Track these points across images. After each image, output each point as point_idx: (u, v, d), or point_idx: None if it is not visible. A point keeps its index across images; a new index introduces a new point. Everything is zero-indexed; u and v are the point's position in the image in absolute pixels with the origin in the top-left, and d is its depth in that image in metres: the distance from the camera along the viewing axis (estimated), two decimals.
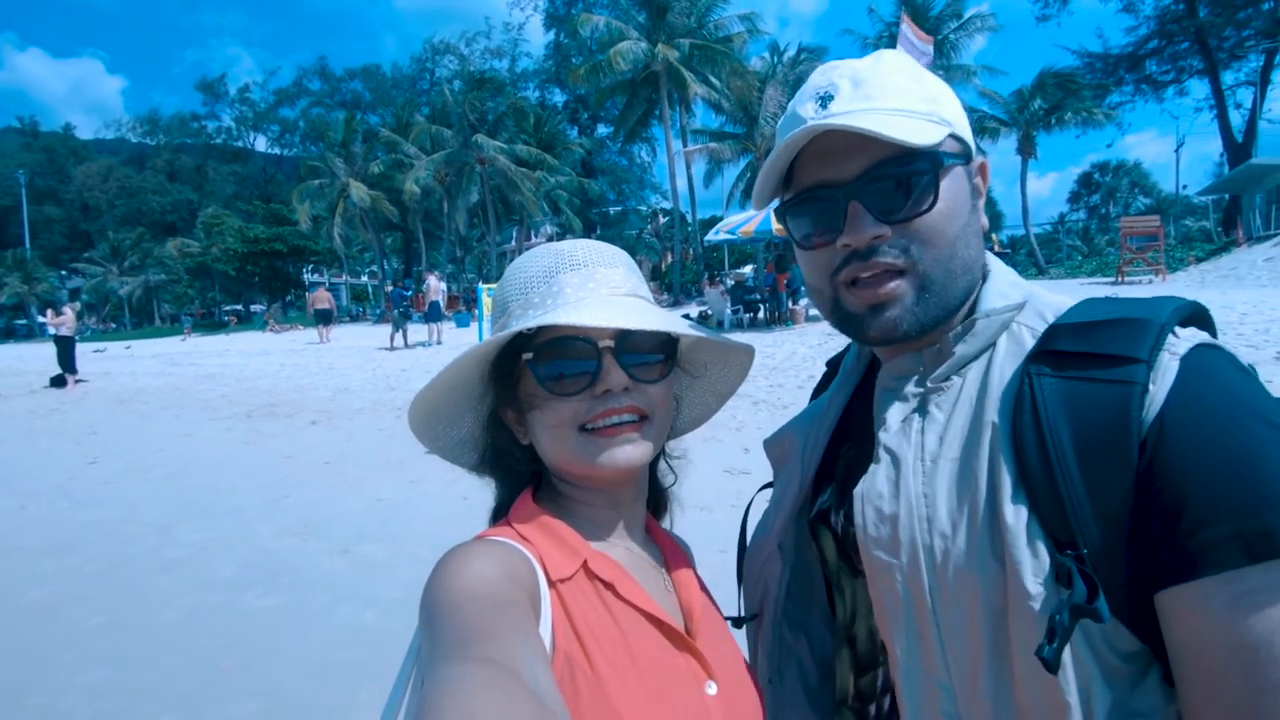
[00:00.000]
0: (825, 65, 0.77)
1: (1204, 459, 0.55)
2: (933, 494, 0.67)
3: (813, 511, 0.86)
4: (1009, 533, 0.60)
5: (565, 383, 0.74)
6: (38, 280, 50.94)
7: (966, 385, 0.71)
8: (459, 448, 0.88)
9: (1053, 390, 0.63)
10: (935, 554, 0.65)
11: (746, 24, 27.01)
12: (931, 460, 0.69)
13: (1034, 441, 0.61)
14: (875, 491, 0.71)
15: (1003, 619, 0.61)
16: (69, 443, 8.64)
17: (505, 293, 0.81)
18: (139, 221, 57.23)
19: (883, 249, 0.70)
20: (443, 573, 0.64)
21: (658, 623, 0.73)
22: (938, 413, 0.71)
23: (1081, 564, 0.57)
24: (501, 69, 46.29)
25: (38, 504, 5.96)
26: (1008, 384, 0.67)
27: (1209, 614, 0.53)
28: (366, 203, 32.33)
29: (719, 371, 0.93)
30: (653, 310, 0.79)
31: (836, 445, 0.87)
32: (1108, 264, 21.83)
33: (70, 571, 4.36)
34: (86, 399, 12.36)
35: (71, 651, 3.34)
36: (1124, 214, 42.79)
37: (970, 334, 0.72)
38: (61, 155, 69.76)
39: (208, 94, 63.34)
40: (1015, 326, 0.72)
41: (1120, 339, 0.62)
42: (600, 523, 0.81)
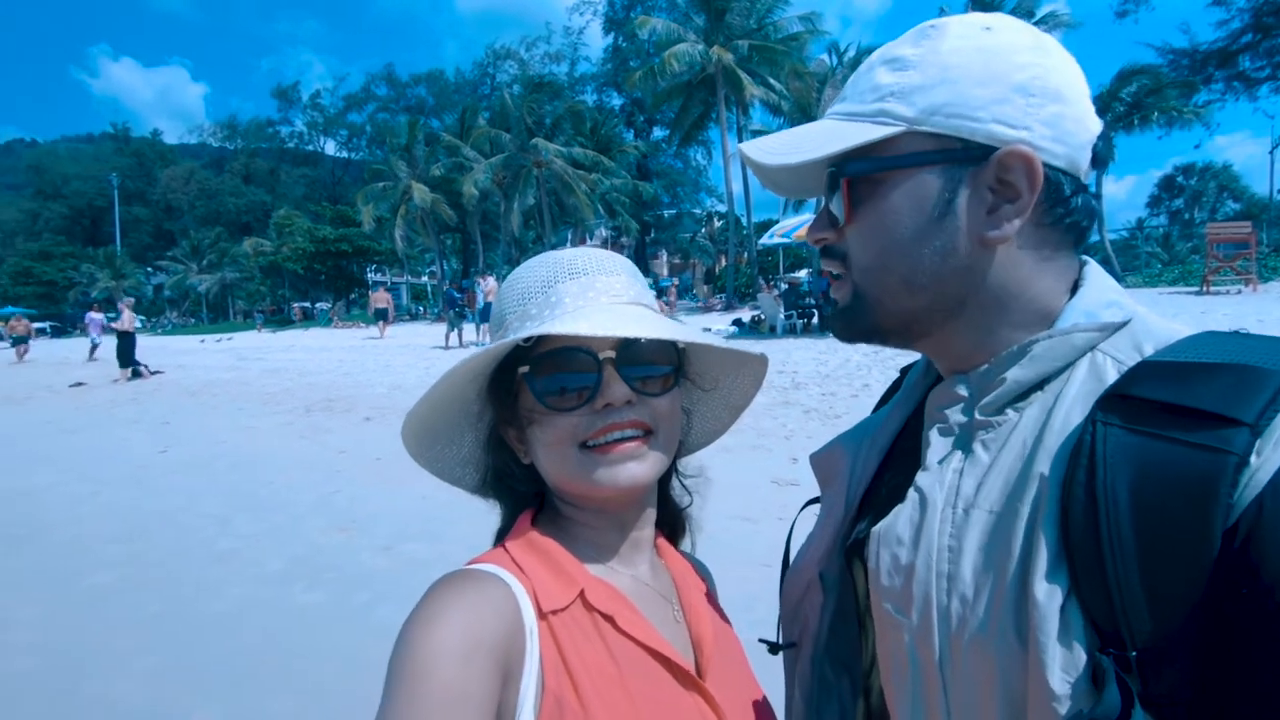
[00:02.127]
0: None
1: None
2: (959, 548, 0.57)
3: (850, 539, 0.76)
4: (1038, 613, 0.50)
5: (564, 397, 0.70)
6: (125, 277, 54.35)
7: (1023, 423, 0.58)
8: (460, 468, 0.84)
9: (1118, 446, 0.49)
10: (951, 619, 0.55)
11: (806, 24, 26.59)
12: (964, 509, 0.58)
13: (1084, 506, 0.49)
14: (894, 535, 0.62)
15: (1020, 710, 0.51)
16: (143, 432, 9.10)
17: (503, 305, 0.76)
18: (217, 221, 60.40)
19: (826, 252, 0.69)
20: (408, 636, 0.60)
21: (662, 659, 0.68)
22: (982, 453, 0.60)
23: (1125, 668, 0.46)
24: (560, 73, 46.89)
25: (111, 491, 6.28)
26: (1073, 429, 0.54)
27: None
28: (427, 205, 33.24)
29: (731, 383, 0.86)
30: (657, 318, 0.73)
31: (886, 468, 0.77)
32: (1191, 273, 20.53)
33: (134, 558, 4.55)
34: (161, 390, 13.03)
35: (128, 638, 3.47)
36: (1210, 219, 40.26)
37: (1027, 358, 0.59)
38: (149, 159, 74.28)
39: (282, 100, 66.42)
40: (1099, 356, 0.58)
41: (1221, 392, 0.48)
42: (604, 546, 0.76)
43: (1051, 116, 0.59)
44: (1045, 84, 0.59)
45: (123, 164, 70.56)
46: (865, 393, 8.02)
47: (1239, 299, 14.36)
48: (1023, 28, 0.62)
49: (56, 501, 6.00)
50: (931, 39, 0.62)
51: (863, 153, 0.62)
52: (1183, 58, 29.97)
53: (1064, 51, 0.62)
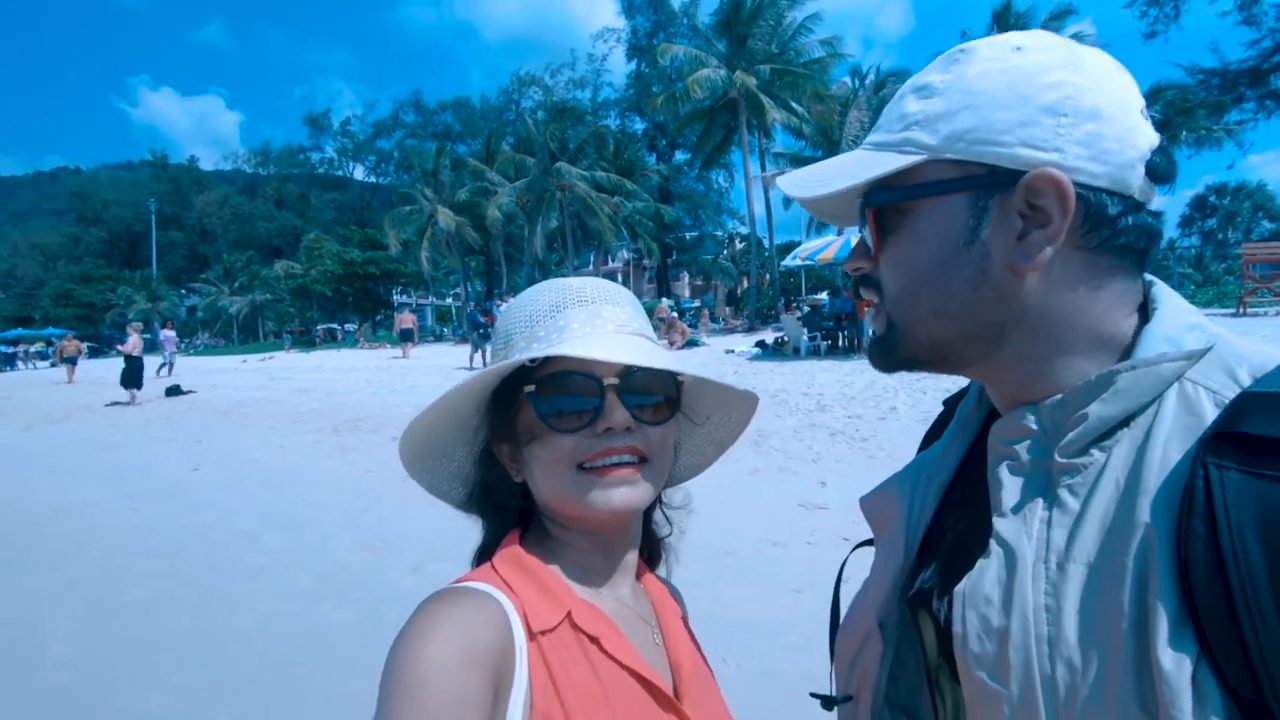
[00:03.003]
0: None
1: None
2: (1058, 608, 0.51)
3: (913, 589, 0.71)
4: (1167, 685, 0.44)
5: (566, 418, 0.72)
6: (160, 299, 55.86)
7: (1112, 464, 0.53)
8: (448, 482, 0.86)
9: (1240, 493, 0.44)
10: (1059, 688, 0.49)
11: (828, 48, 26.81)
12: (1059, 564, 0.52)
13: (1210, 564, 0.44)
14: (981, 595, 0.55)
15: None
16: (178, 450, 9.29)
17: (509, 325, 0.79)
18: (249, 245, 62.06)
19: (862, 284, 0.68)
20: (400, 650, 0.61)
21: (644, 681, 0.70)
22: (1069, 498, 0.54)
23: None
24: (584, 99, 47.62)
25: (147, 506, 6.40)
26: (1173, 470, 0.49)
27: None
28: (452, 228, 33.84)
29: (720, 419, 0.90)
30: (659, 350, 0.76)
31: (946, 509, 0.72)
32: (1226, 294, 20.08)
33: (168, 573, 4.62)
34: (194, 409, 13.30)
35: (162, 653, 3.52)
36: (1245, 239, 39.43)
37: (1111, 391, 0.54)
38: (185, 185, 76.77)
39: (313, 127, 68.31)
40: (1189, 386, 0.53)
41: None
42: (589, 569, 0.77)
43: (1086, 135, 0.55)
44: (1078, 103, 0.56)
45: (160, 190, 73.03)
46: (892, 415, 7.92)
47: (1278, 321, 13.99)
48: (1057, 44, 0.59)
49: (94, 517, 6.13)
50: (959, 64, 0.61)
51: (889, 182, 0.62)
52: (1213, 77, 29.58)
53: (1105, 65, 0.58)
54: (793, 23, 26.64)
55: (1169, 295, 0.62)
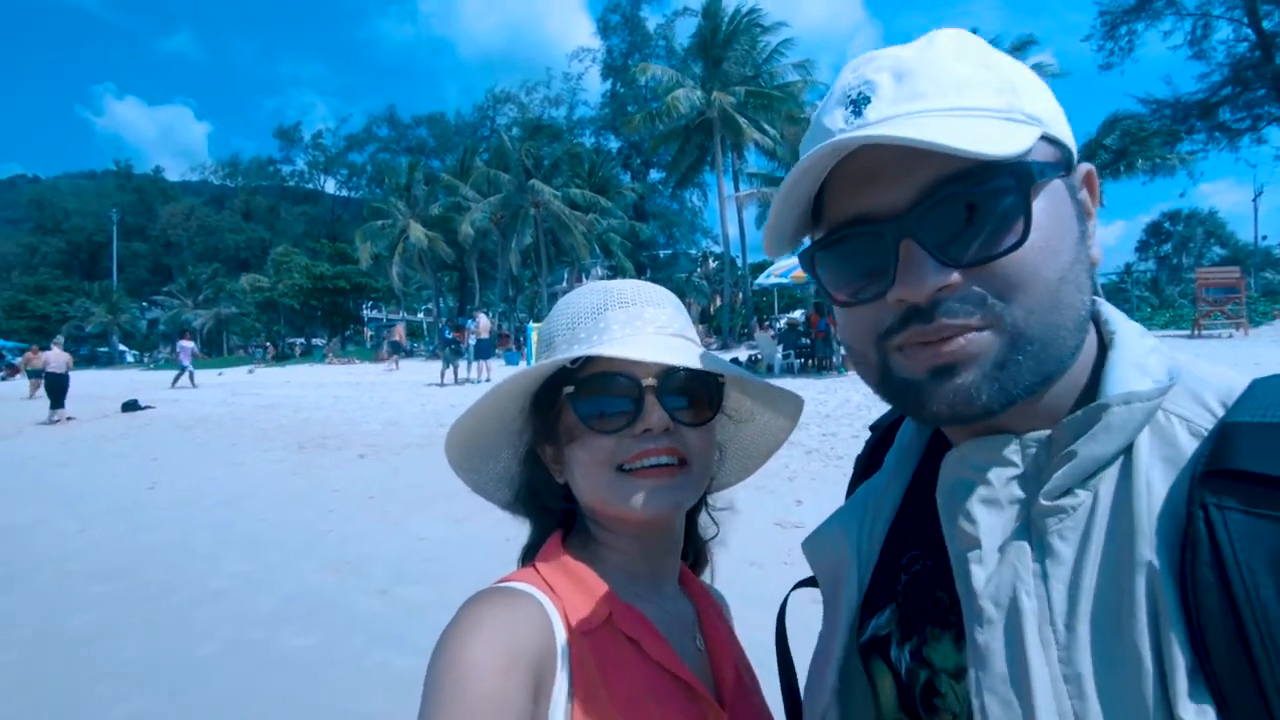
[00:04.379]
0: (860, 58, 0.56)
1: None
2: (1078, 678, 0.45)
3: (865, 635, 0.63)
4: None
5: (605, 420, 0.72)
6: (121, 311, 54.29)
7: (1100, 505, 0.49)
8: (494, 484, 0.86)
9: (1249, 536, 0.41)
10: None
11: (802, 72, 27.37)
12: (1065, 625, 0.47)
13: (1225, 615, 0.41)
14: (994, 675, 0.48)
15: None
16: (132, 467, 8.93)
17: (552, 328, 0.79)
18: (215, 257, 60.77)
19: (951, 303, 0.49)
20: (444, 650, 0.62)
21: (685, 687, 0.69)
22: (1062, 547, 0.49)
23: None
24: (559, 117, 47.89)
25: (97, 527, 6.12)
26: (1165, 510, 0.46)
27: None
28: (424, 243, 33.55)
29: (764, 421, 0.88)
30: (699, 351, 0.75)
31: (894, 546, 0.65)
32: (1182, 316, 20.76)
33: (118, 597, 4.39)
34: (151, 425, 12.85)
35: (109, 682, 3.32)
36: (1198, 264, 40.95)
37: (1100, 427, 0.49)
38: (151, 195, 75.07)
39: (284, 140, 67.51)
40: (1164, 418, 0.50)
41: None
42: (631, 572, 0.77)
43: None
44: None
45: (124, 200, 71.27)
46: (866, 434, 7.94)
47: (1231, 343, 14.48)
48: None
49: (40, 539, 5.83)
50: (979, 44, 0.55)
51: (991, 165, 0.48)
52: (1165, 108, 30.86)
53: None
54: (767, 47, 27.18)
55: (1117, 314, 0.57)
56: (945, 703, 0.55)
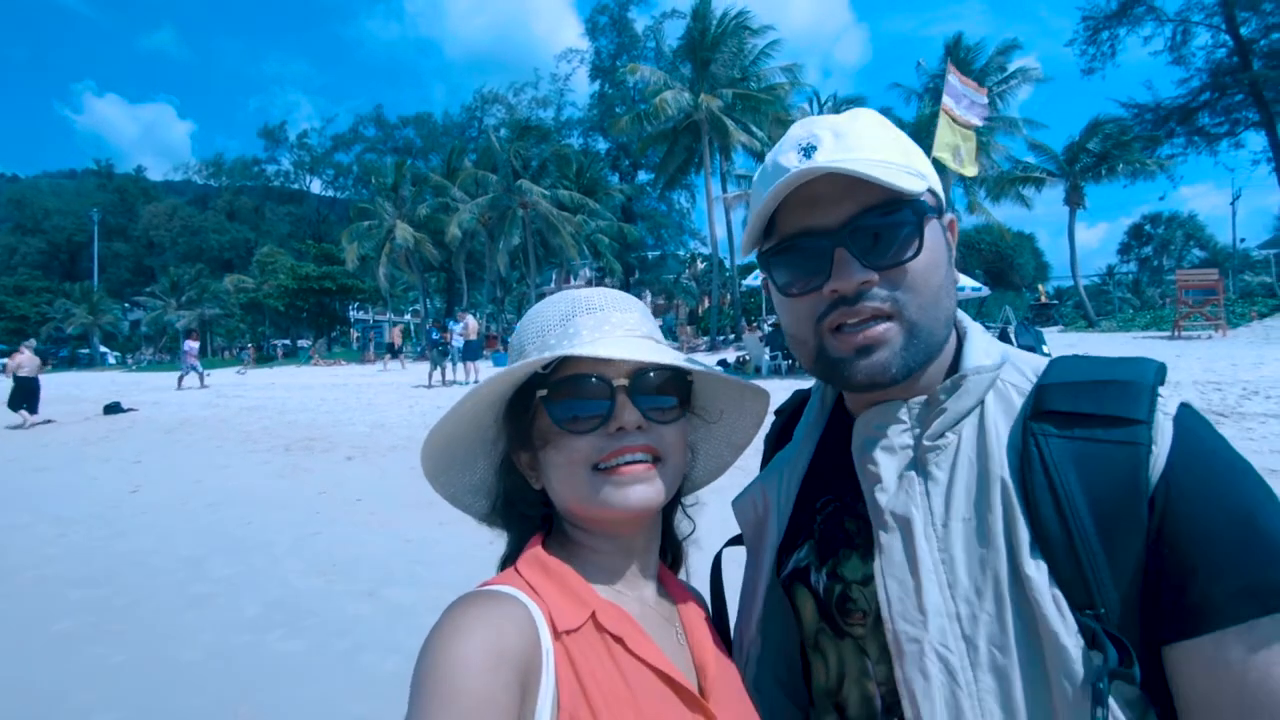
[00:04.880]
0: (804, 120, 0.77)
1: (1212, 519, 0.59)
2: (950, 559, 0.66)
3: (786, 569, 0.83)
4: (1036, 592, 0.61)
5: (580, 421, 0.74)
6: (103, 312, 53.52)
7: (964, 443, 0.71)
8: (470, 494, 0.87)
9: (1061, 450, 0.64)
10: (962, 622, 0.64)
11: (789, 75, 27.44)
12: (942, 524, 0.68)
13: (1049, 503, 0.63)
14: (894, 563, 0.69)
15: (1041, 685, 0.60)
16: (114, 471, 8.81)
17: (522, 338, 0.82)
18: (199, 258, 59.99)
19: (870, 294, 0.70)
20: (430, 651, 0.62)
21: (669, 680, 0.70)
22: (938, 472, 0.70)
23: (1102, 624, 0.59)
24: (547, 118, 47.72)
25: (77, 532, 6.03)
26: (1009, 442, 0.68)
27: (1225, 664, 0.56)
28: (411, 244, 33.34)
29: (733, 419, 0.92)
30: (668, 351, 0.78)
31: (807, 497, 0.84)
32: (1163, 318, 21.05)
33: (99, 603, 4.33)
34: (134, 428, 12.68)
35: (90, 690, 3.27)
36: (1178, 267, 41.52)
37: (962, 390, 0.72)
38: (132, 195, 74.05)
39: (269, 140, 66.65)
40: (1001, 384, 0.73)
41: (1119, 400, 0.64)
42: (611, 571, 0.78)
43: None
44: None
45: (104, 200, 70.27)
46: None
47: (1210, 344, 14.70)
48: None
49: (20, 543, 5.73)
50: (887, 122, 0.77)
51: (899, 200, 0.70)
52: (1146, 112, 31.28)
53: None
54: (754, 49, 27.24)
55: (967, 317, 0.80)
56: (856, 605, 0.76)
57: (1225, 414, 7.62)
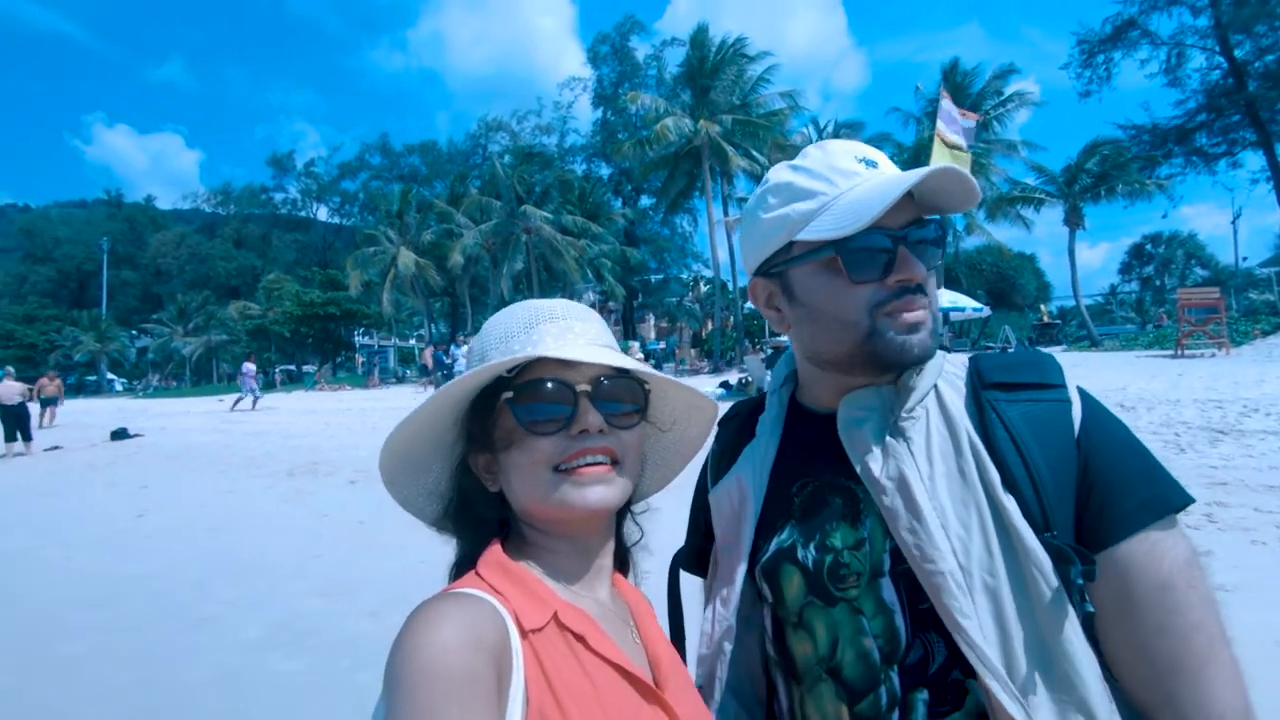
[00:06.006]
0: (835, 142, 0.91)
1: (1117, 453, 0.78)
2: (941, 505, 0.79)
3: (768, 553, 0.91)
4: (1012, 518, 0.75)
5: (544, 423, 0.77)
6: (110, 339, 53.94)
7: (931, 414, 0.85)
8: (423, 498, 0.89)
9: (1013, 410, 0.81)
10: (958, 555, 0.76)
11: (789, 100, 27.86)
12: (929, 477, 0.80)
13: (1012, 450, 0.78)
14: (901, 517, 0.80)
15: (1024, 595, 0.74)
16: (120, 496, 8.88)
17: (485, 343, 0.84)
18: (206, 285, 60.44)
19: (919, 287, 0.84)
20: (405, 642, 0.62)
21: (628, 675, 0.73)
22: (918, 437, 0.83)
23: (1059, 541, 0.74)
24: (550, 144, 48.31)
25: (84, 556, 6.08)
26: (967, 409, 0.85)
27: (1131, 563, 0.73)
28: (413, 271, 33.66)
29: (683, 430, 0.96)
30: (628, 360, 0.82)
31: (779, 485, 0.94)
32: (1166, 336, 21.04)
33: (105, 625, 4.38)
34: (140, 454, 12.78)
35: (96, 709, 3.32)
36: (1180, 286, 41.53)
37: (923, 373, 0.87)
38: (141, 224, 74.88)
39: (276, 168, 67.53)
40: (944, 371, 0.90)
41: (1042, 372, 0.84)
42: (569, 572, 0.81)
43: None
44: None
45: (114, 229, 71.01)
46: None
47: (1213, 362, 14.69)
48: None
49: (25, 567, 5.79)
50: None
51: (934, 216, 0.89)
52: (1144, 134, 31.55)
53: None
54: (753, 76, 27.71)
55: None
56: (850, 568, 0.85)
57: (1225, 431, 7.64)
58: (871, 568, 0.83)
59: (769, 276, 0.94)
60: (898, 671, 0.80)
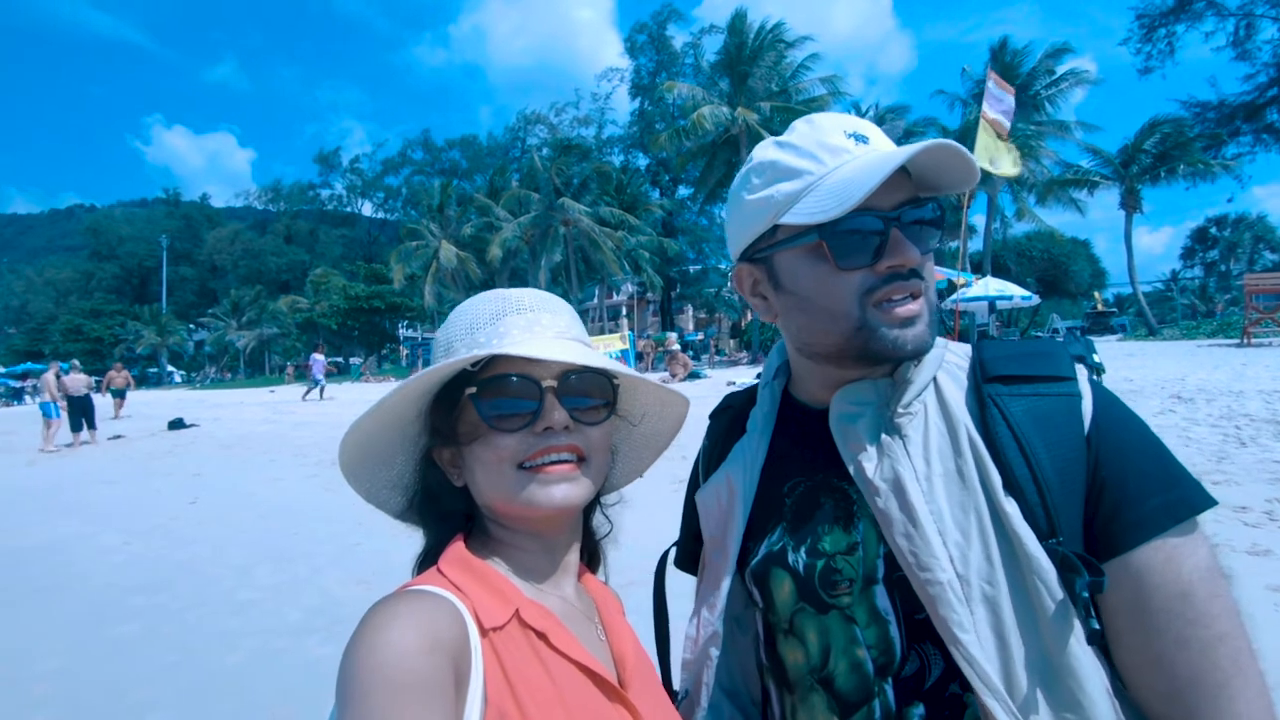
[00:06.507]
0: (825, 116, 0.83)
1: (1132, 451, 0.72)
2: (938, 508, 0.73)
3: (758, 556, 0.86)
4: (1014, 523, 0.69)
5: (508, 419, 0.74)
6: (170, 333, 56.35)
7: (929, 409, 0.79)
8: (386, 491, 0.87)
9: (1017, 405, 0.75)
10: (955, 563, 0.71)
11: (829, 86, 27.31)
12: (925, 478, 0.75)
13: (1014, 448, 0.72)
14: (895, 520, 0.74)
15: (1026, 607, 0.68)
16: (175, 484, 9.27)
17: (450, 333, 0.80)
18: (258, 280, 62.66)
19: (914, 271, 0.77)
20: (359, 643, 0.60)
21: (590, 674, 0.72)
22: (914, 434, 0.77)
23: (1065, 548, 0.68)
24: (588, 136, 48.47)
25: (141, 542, 6.36)
26: (967, 404, 0.78)
27: (1148, 570, 0.67)
28: (454, 264, 34.20)
29: (655, 423, 0.94)
30: (595, 355, 0.80)
31: (769, 485, 0.88)
32: (1230, 324, 20.01)
33: (157, 608, 4.58)
34: (196, 443, 13.31)
35: (146, 688, 3.47)
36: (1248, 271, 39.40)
37: (922, 366, 0.81)
38: (197, 221, 77.98)
39: (323, 165, 69.51)
40: (945, 363, 0.83)
41: (1050, 364, 0.77)
42: (533, 569, 0.79)
43: None
44: None
45: (172, 226, 74.17)
46: None
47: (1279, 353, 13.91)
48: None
49: (85, 552, 6.10)
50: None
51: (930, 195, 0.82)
52: (1209, 111, 29.95)
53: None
54: (793, 62, 27.22)
55: None
56: (843, 575, 0.79)
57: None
58: (865, 574, 0.78)
59: (754, 262, 0.86)
60: (892, 684, 0.76)
